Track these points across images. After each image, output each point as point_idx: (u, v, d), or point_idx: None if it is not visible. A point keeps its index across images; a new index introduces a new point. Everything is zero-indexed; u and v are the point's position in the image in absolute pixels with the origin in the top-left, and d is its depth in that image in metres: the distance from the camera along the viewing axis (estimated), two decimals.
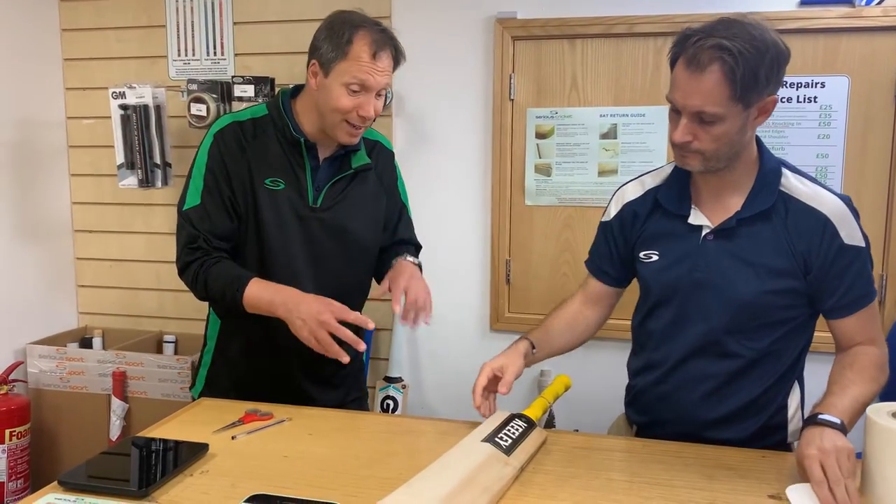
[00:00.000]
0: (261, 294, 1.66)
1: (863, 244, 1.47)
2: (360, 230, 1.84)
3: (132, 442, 1.49)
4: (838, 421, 1.29)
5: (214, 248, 1.73)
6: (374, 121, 1.76)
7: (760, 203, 1.47)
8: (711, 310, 1.50)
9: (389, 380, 2.83)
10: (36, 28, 2.98)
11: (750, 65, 1.34)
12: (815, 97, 2.47)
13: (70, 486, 1.30)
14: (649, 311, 1.62)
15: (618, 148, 2.63)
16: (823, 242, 1.44)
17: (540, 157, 2.71)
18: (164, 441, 1.48)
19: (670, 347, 1.57)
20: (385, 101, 2.72)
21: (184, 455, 1.41)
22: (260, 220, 1.74)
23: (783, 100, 2.49)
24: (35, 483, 2.76)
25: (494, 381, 1.59)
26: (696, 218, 1.52)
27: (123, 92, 2.73)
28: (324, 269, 1.79)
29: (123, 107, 2.72)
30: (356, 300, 1.90)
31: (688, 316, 1.54)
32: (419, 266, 1.91)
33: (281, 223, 1.75)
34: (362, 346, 1.64)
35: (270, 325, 1.71)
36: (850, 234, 1.45)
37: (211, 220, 1.72)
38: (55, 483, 1.32)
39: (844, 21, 2.40)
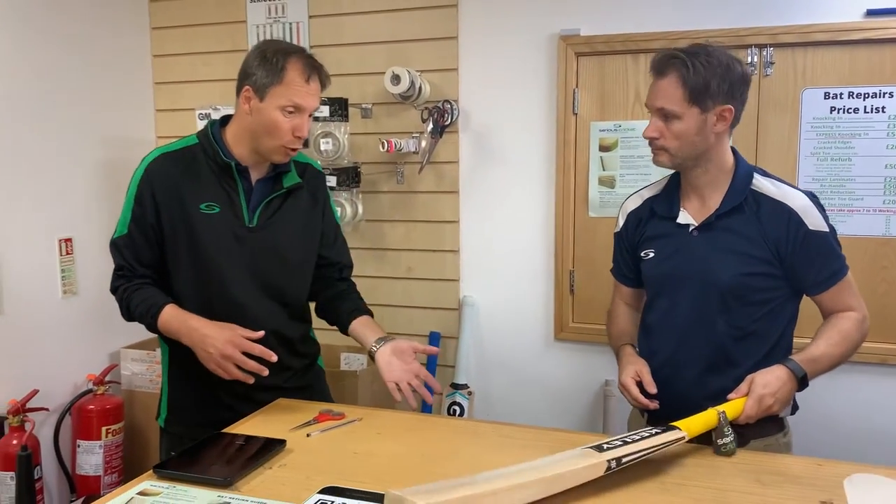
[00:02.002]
0: (170, 323, 1.78)
1: (826, 229, 1.70)
2: (296, 246, 1.92)
3: (218, 437, 1.63)
4: (803, 372, 1.63)
5: (138, 276, 1.85)
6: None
7: (734, 200, 1.72)
8: (700, 294, 1.73)
9: (456, 386, 2.92)
10: (130, 55, 3.22)
11: (700, 74, 1.63)
12: (884, 107, 2.45)
13: (163, 474, 1.44)
14: (649, 304, 1.88)
15: None
16: (790, 230, 1.68)
17: (604, 170, 2.76)
18: (246, 437, 1.61)
19: (667, 334, 1.80)
20: (452, 115, 2.85)
21: (263, 450, 1.53)
22: (197, 244, 1.82)
23: (850, 110, 2.48)
24: (128, 477, 2.95)
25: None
26: (683, 218, 1.78)
27: (209, 113, 2.92)
28: (264, 286, 1.87)
29: None
30: (297, 311, 1.98)
31: (680, 302, 1.77)
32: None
33: (219, 245, 1.82)
34: (265, 372, 1.73)
35: None
36: (814, 223, 1.68)
37: (136, 249, 1.84)
38: (150, 472, 1.46)
39: None
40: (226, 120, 1.90)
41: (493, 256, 2.93)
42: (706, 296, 1.72)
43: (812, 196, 1.72)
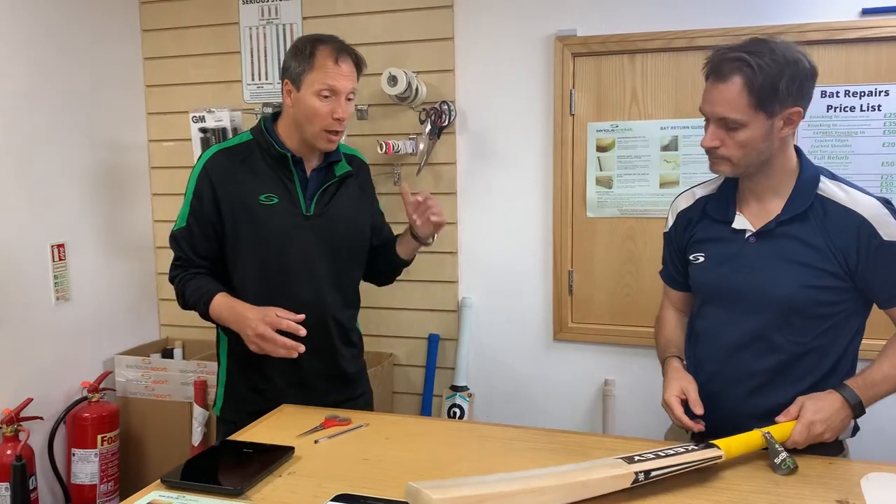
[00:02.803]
0: (220, 310, 1.86)
1: None
2: (352, 230, 2.01)
3: (225, 445, 1.60)
4: (857, 399, 1.51)
5: (194, 266, 1.93)
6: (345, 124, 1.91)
7: (798, 206, 1.58)
8: (756, 306, 1.60)
9: (455, 388, 2.90)
10: (121, 58, 3.17)
11: (769, 77, 1.47)
12: (880, 105, 2.46)
13: (172, 484, 1.42)
14: (697, 311, 1.74)
15: (679, 160, 2.66)
16: (861, 241, 1.54)
17: (601, 170, 2.76)
18: (254, 444, 1.59)
19: (717, 345, 1.67)
20: (449, 116, 2.84)
21: (272, 457, 1.51)
22: (258, 235, 1.90)
23: (846, 109, 2.49)
24: (123, 486, 2.92)
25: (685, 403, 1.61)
26: (739, 223, 1.64)
27: (203, 116, 2.89)
28: (324, 273, 1.95)
29: (203, 129, 2.89)
30: (352, 297, 2.07)
31: (733, 313, 1.63)
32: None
33: (279, 233, 1.90)
34: (301, 348, 1.79)
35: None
36: (888, 232, 1.54)
37: (193, 240, 1.91)
38: (158, 481, 1.43)
39: None
40: (276, 116, 1.97)
41: (492, 258, 2.92)
42: (763, 308, 1.59)
43: (887, 203, 1.57)
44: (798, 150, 1.64)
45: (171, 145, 3.24)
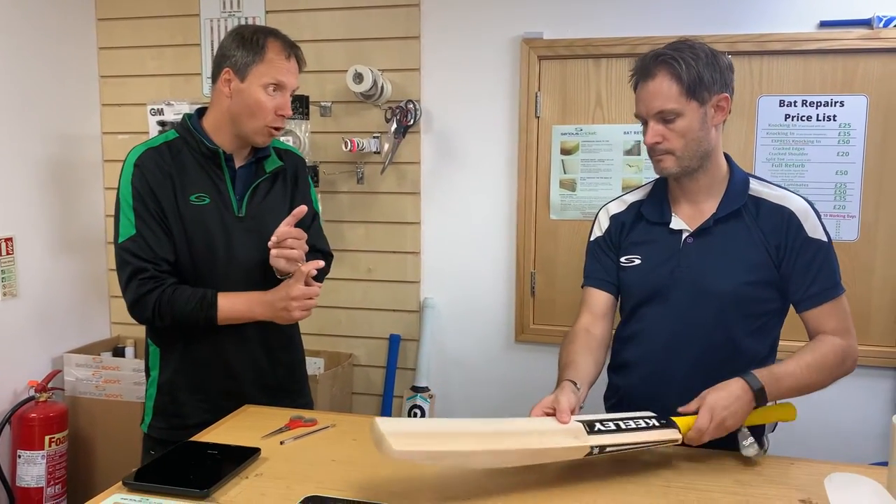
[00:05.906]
0: (234, 306, 1.75)
1: (825, 239, 1.62)
2: None
3: (188, 446, 1.56)
4: (759, 384, 1.49)
5: (164, 273, 1.75)
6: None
7: (733, 204, 1.64)
8: (695, 304, 1.63)
9: (416, 389, 2.89)
10: (74, 46, 3.08)
11: (693, 68, 1.56)
12: (835, 115, 2.54)
13: (135, 486, 1.37)
14: (632, 312, 1.75)
15: (641, 164, 2.70)
16: (790, 234, 1.61)
17: (565, 173, 2.78)
18: (219, 445, 1.54)
19: (654, 344, 1.69)
20: (415, 115, 2.82)
21: (238, 459, 1.47)
22: (189, 236, 1.77)
23: (803, 118, 2.56)
24: (72, 489, 2.83)
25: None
26: (676, 224, 1.68)
27: (161, 108, 2.82)
28: (257, 278, 1.82)
29: (161, 123, 2.81)
30: None
31: (672, 312, 1.66)
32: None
33: (212, 236, 1.78)
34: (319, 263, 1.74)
35: (216, 343, 1.81)
36: (812, 229, 1.61)
37: (151, 246, 1.74)
38: (119, 484, 1.38)
39: (863, 42, 2.47)
40: (201, 112, 1.86)
41: (455, 258, 2.92)
42: (702, 304, 1.62)
43: (811, 203, 1.65)
44: (727, 157, 1.71)
45: (126, 138, 3.15)
